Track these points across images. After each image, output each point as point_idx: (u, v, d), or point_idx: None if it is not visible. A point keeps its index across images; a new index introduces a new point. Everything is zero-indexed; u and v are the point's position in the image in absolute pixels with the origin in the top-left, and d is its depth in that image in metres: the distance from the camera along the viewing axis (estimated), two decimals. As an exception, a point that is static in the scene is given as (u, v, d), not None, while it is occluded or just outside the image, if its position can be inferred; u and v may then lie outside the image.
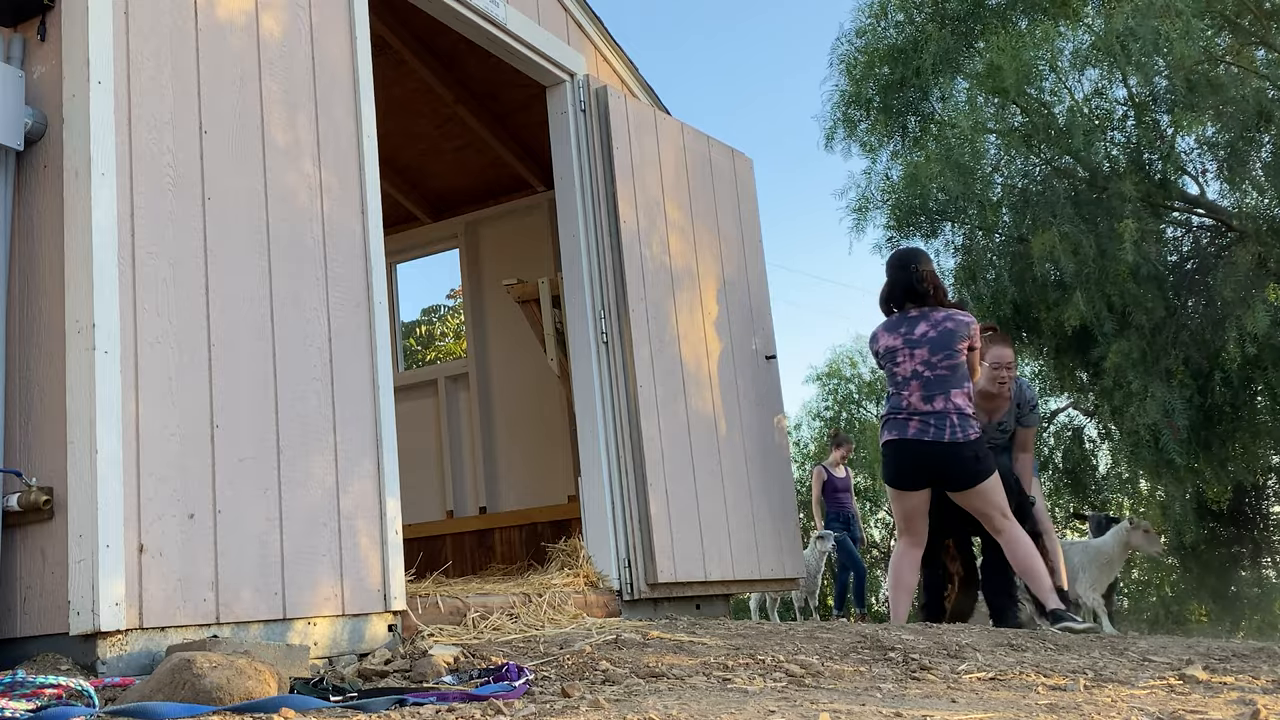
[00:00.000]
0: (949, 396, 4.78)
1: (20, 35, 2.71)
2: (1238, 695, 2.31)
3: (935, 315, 4.85)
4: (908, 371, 4.86)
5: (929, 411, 4.82)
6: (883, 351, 4.95)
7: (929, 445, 4.82)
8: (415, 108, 5.96)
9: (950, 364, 4.79)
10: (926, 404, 4.82)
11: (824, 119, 13.10)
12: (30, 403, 2.54)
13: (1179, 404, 9.99)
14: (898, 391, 4.88)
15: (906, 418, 4.86)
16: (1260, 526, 13.41)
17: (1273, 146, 10.36)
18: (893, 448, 4.89)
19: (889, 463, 4.92)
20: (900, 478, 4.91)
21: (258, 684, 1.99)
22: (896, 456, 4.88)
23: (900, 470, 4.89)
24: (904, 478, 4.90)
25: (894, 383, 4.89)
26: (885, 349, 4.94)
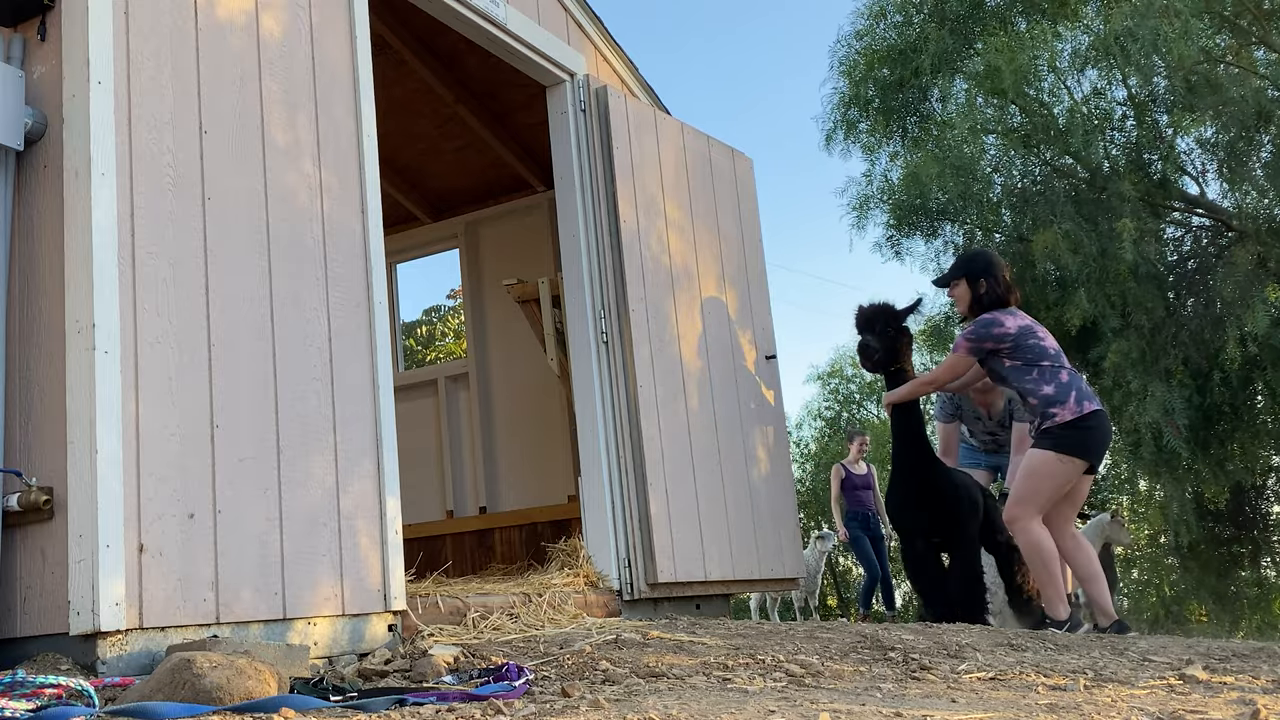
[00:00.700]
0: None
1: (20, 35, 2.71)
2: (1238, 695, 2.31)
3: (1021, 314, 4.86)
4: (1054, 346, 4.73)
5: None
6: (1017, 331, 4.70)
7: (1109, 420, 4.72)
8: (415, 108, 5.96)
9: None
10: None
11: (823, 120, 13.13)
12: (30, 403, 2.54)
13: (1178, 404, 9.99)
14: (1059, 363, 4.67)
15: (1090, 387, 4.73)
16: (1260, 526, 13.41)
17: (1272, 146, 10.36)
18: (1101, 418, 4.63)
19: (1094, 434, 4.59)
20: (1100, 449, 4.67)
21: (258, 684, 1.99)
22: (1103, 427, 4.64)
23: (1103, 443, 4.68)
24: (1101, 450, 4.69)
25: (1047, 356, 4.65)
26: (1020, 328, 4.71)
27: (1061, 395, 4.57)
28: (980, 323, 4.77)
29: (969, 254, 5.17)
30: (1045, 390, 4.59)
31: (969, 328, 4.84)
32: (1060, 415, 4.53)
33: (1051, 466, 4.57)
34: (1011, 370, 4.69)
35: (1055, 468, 4.57)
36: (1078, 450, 4.54)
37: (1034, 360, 4.63)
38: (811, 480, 24.29)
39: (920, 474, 5.01)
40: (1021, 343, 4.66)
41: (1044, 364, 4.63)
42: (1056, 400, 4.55)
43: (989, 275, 4.87)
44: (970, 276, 4.89)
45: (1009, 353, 4.66)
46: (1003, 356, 4.69)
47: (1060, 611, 4.55)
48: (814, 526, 21.17)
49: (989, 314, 4.77)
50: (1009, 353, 4.66)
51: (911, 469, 5.03)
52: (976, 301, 4.85)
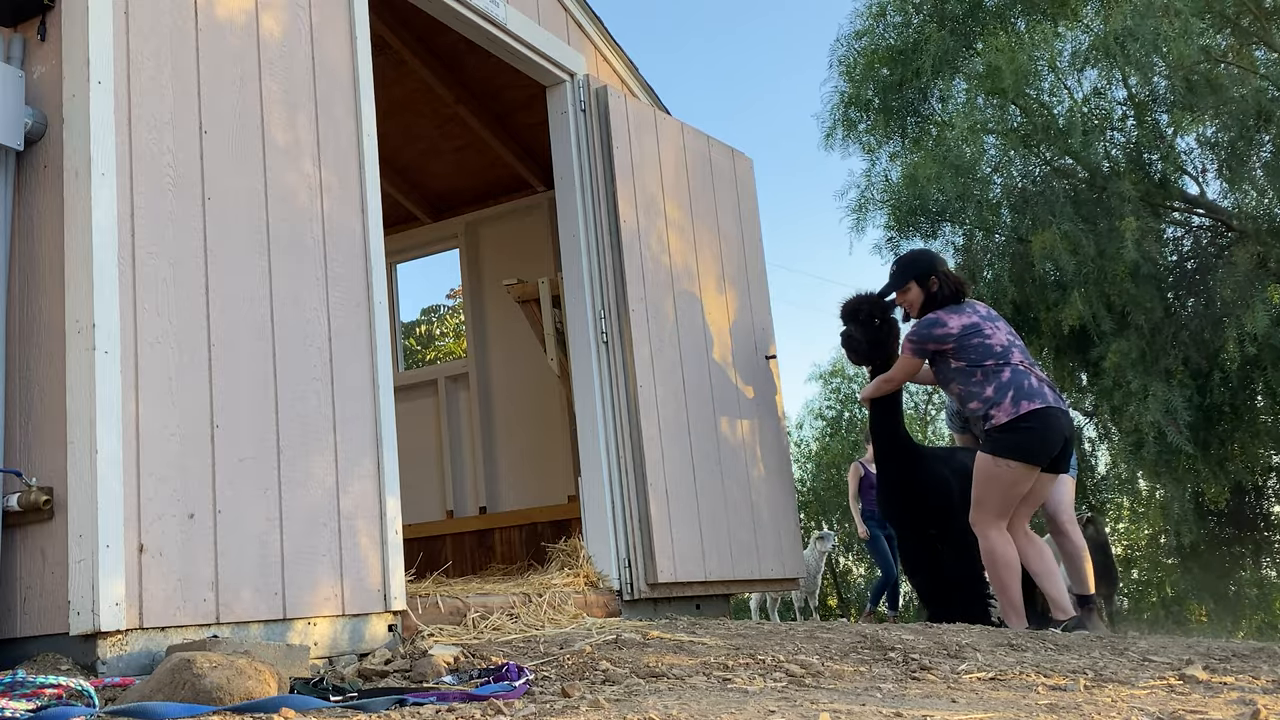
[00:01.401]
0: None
1: (20, 35, 2.71)
2: (1238, 695, 2.31)
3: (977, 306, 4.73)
4: (1004, 340, 4.55)
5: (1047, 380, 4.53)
6: (960, 330, 4.54)
7: (1067, 417, 4.49)
8: (415, 108, 5.96)
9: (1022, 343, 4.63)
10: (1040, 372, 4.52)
11: (823, 120, 13.12)
12: (30, 403, 2.54)
13: (1178, 404, 9.99)
14: (1005, 361, 4.48)
15: (1039, 383, 4.48)
16: (1260, 526, 13.40)
17: (1272, 146, 10.36)
18: (1041, 417, 4.39)
19: (1033, 435, 4.39)
20: (1044, 450, 4.42)
21: (258, 684, 1.99)
22: (1045, 425, 4.40)
23: (1047, 442, 4.41)
24: (1048, 450, 4.43)
25: (992, 355, 4.49)
26: (963, 327, 4.55)
27: (999, 396, 4.43)
28: (923, 323, 4.66)
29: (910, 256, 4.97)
30: (986, 392, 4.46)
31: (912, 328, 4.73)
32: (997, 417, 4.40)
33: (990, 470, 4.44)
34: (957, 373, 4.56)
35: (994, 471, 4.43)
36: (1015, 453, 4.38)
37: (978, 360, 4.50)
38: (812, 480, 24.27)
39: (902, 468, 4.93)
40: (965, 342, 4.52)
41: (988, 364, 4.49)
42: (994, 402, 4.43)
43: (937, 271, 4.76)
44: (919, 278, 4.77)
45: (953, 353, 4.55)
46: (948, 357, 4.57)
47: (1014, 621, 4.46)
48: (814, 526, 21.15)
49: (933, 313, 4.65)
50: (953, 353, 4.55)
51: (893, 464, 4.97)
52: (930, 300, 4.72)
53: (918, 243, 12.33)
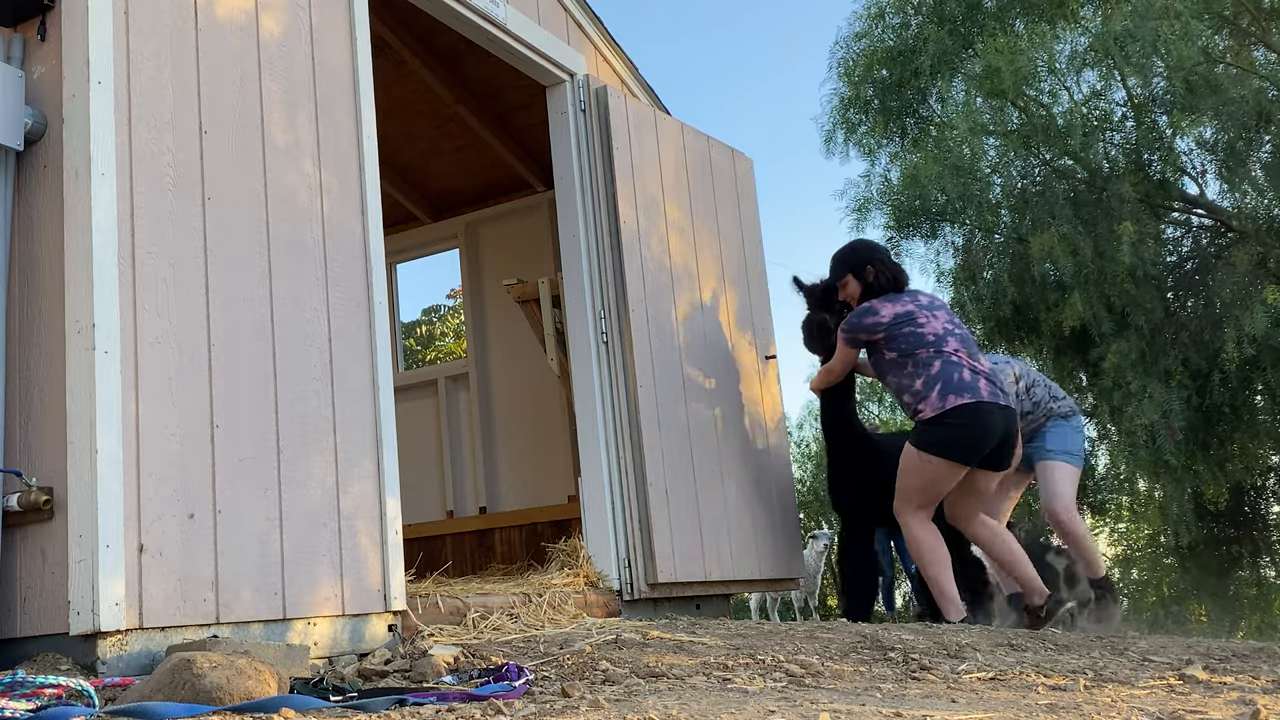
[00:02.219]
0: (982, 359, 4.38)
1: (20, 35, 2.71)
2: (1238, 695, 2.31)
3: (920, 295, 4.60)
4: (939, 329, 4.36)
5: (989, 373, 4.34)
6: (891, 319, 4.40)
7: (1006, 413, 4.30)
8: (415, 108, 5.96)
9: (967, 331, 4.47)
10: (976, 361, 4.34)
11: (823, 121, 13.12)
12: (30, 403, 2.54)
13: (1178, 404, 9.99)
14: (937, 351, 4.30)
15: (974, 376, 4.28)
16: (1259, 526, 13.40)
17: (1272, 147, 10.36)
18: (970, 413, 4.19)
19: (958, 431, 4.20)
20: (974, 448, 4.22)
21: (258, 684, 1.99)
22: (975, 422, 4.20)
23: (976, 440, 4.21)
24: (977, 448, 4.23)
25: (923, 344, 4.32)
26: (896, 315, 4.40)
27: (926, 390, 4.27)
28: (856, 312, 4.55)
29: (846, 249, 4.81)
30: (915, 385, 4.31)
31: (846, 318, 4.62)
32: (924, 411, 4.25)
33: (914, 463, 4.28)
34: (890, 365, 4.42)
35: (917, 465, 4.26)
36: (940, 449, 4.21)
37: (909, 350, 4.34)
38: (812, 480, 24.27)
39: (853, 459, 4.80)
40: (896, 332, 4.37)
41: (919, 353, 4.32)
42: (922, 396, 4.28)
43: (874, 260, 4.65)
44: (855, 269, 4.67)
45: (885, 343, 4.41)
46: (881, 348, 4.44)
47: (950, 613, 4.33)
48: (814, 526, 21.15)
49: (866, 303, 4.54)
50: (885, 343, 4.41)
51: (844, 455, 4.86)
52: (868, 290, 4.63)
53: (918, 243, 12.34)
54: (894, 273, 4.64)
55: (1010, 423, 4.37)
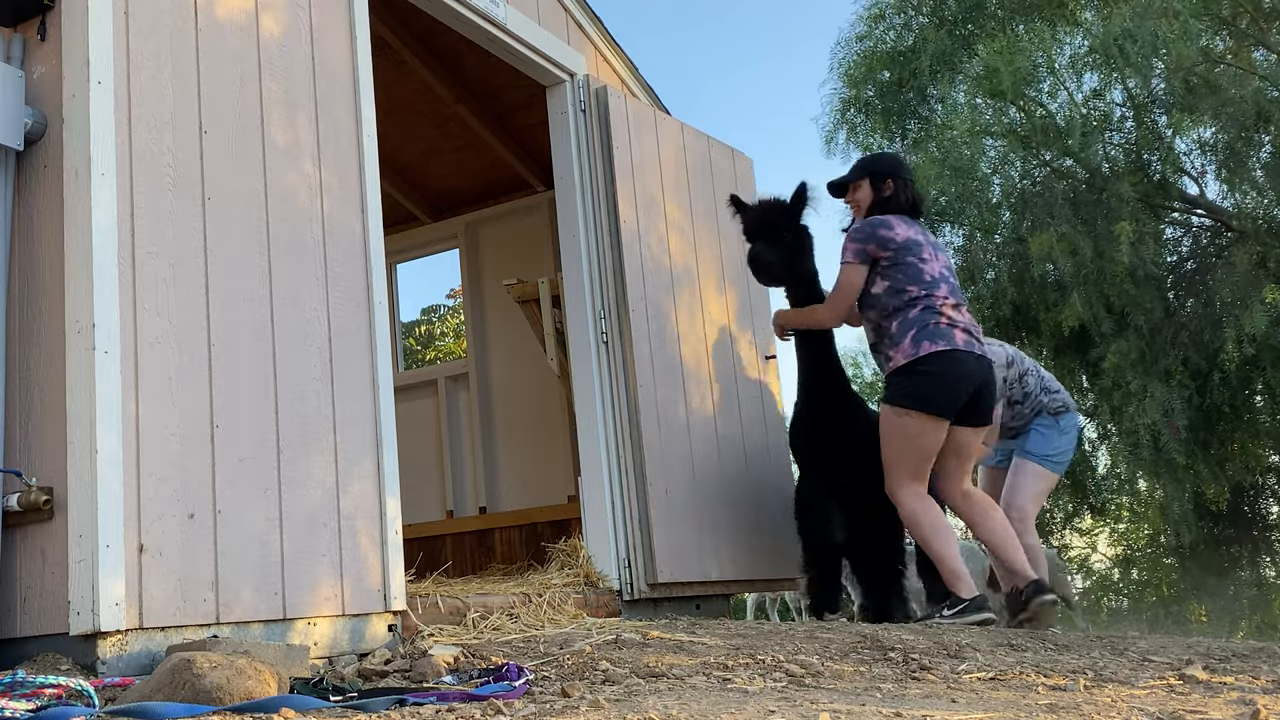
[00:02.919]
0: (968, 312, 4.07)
1: (20, 35, 2.71)
2: (1238, 695, 2.31)
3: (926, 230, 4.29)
4: (935, 272, 4.06)
5: (968, 324, 4.03)
6: (904, 242, 4.04)
7: (981, 363, 3.99)
8: (415, 108, 5.96)
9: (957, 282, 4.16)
10: (959, 314, 4.02)
11: (824, 122, 13.13)
12: (30, 403, 2.54)
13: (1178, 404, 9.99)
14: (927, 292, 3.99)
15: (950, 324, 3.97)
16: (1259, 526, 13.40)
17: (1271, 147, 10.37)
18: (943, 360, 3.90)
19: (931, 380, 3.89)
20: (950, 399, 3.90)
21: (258, 684, 1.99)
22: (947, 370, 3.89)
23: (954, 389, 3.90)
24: (953, 399, 3.91)
25: (919, 282, 4.01)
26: (908, 240, 4.05)
27: (900, 335, 3.94)
28: (868, 222, 4.13)
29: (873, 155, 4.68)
30: (891, 327, 3.98)
31: (855, 227, 4.18)
32: (895, 359, 3.94)
33: (892, 423, 3.93)
34: (875, 300, 4.04)
35: (896, 423, 3.91)
36: (915, 400, 3.87)
37: (903, 285, 3.99)
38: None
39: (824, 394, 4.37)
40: (901, 258, 4.02)
41: (909, 291, 3.99)
42: (895, 341, 3.95)
43: (898, 176, 4.26)
44: (875, 176, 4.27)
45: (885, 269, 4.03)
46: (877, 274, 4.05)
47: (961, 589, 3.94)
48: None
49: (879, 215, 4.16)
50: (885, 269, 4.03)
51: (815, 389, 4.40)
52: (878, 205, 4.24)
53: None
54: (914, 198, 4.27)
55: (987, 373, 4.07)
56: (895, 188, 4.26)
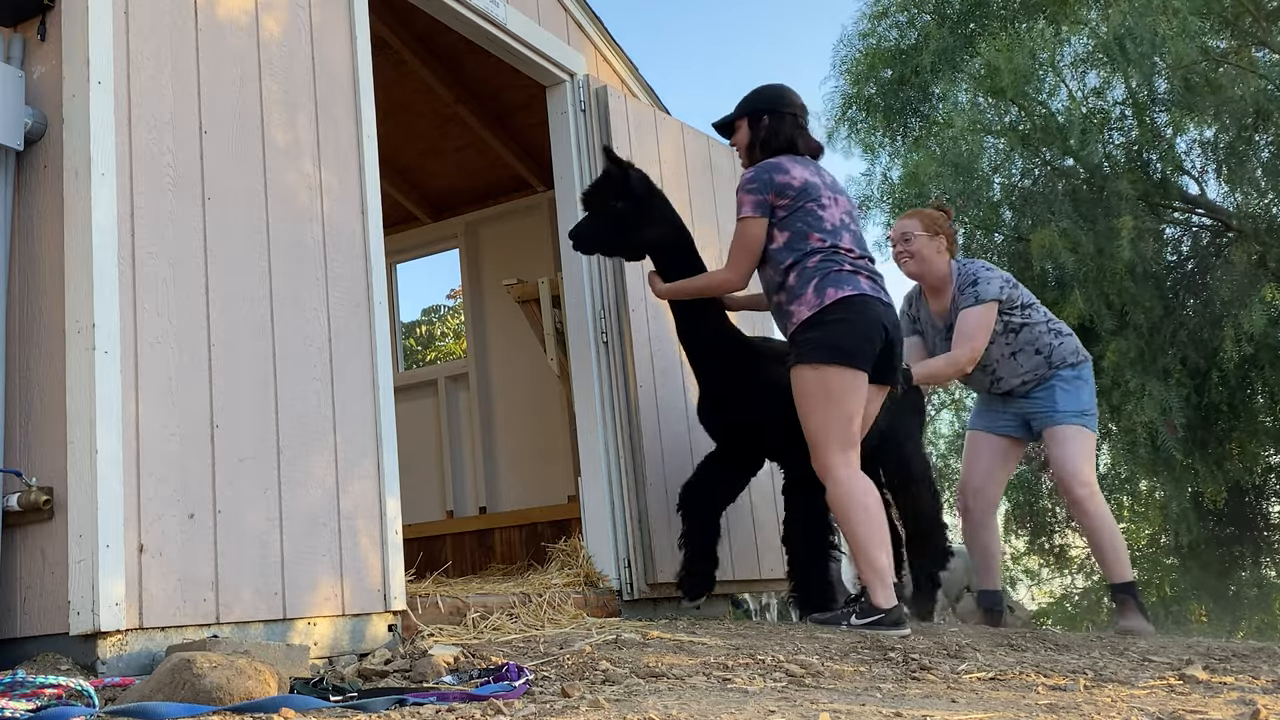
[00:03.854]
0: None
1: (20, 35, 2.71)
2: (1238, 695, 2.31)
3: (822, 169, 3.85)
4: (836, 219, 3.68)
5: (872, 270, 3.66)
6: (802, 186, 3.66)
7: (889, 311, 3.61)
8: (415, 108, 5.96)
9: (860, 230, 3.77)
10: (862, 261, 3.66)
11: (825, 119, 13.13)
12: (30, 403, 2.54)
13: (1176, 403, 9.99)
14: (831, 242, 3.60)
15: (854, 270, 3.59)
16: (1259, 526, 13.40)
17: (1272, 146, 10.37)
18: (853, 306, 3.51)
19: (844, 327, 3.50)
20: (866, 348, 3.51)
21: (258, 684, 1.99)
22: (860, 315, 3.51)
23: (868, 337, 3.51)
24: (869, 348, 3.52)
25: (820, 230, 3.62)
26: (805, 183, 3.66)
27: (800, 286, 3.56)
28: (760, 168, 3.72)
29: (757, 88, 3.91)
30: (789, 280, 3.61)
31: (745, 176, 3.75)
32: (798, 313, 3.56)
33: (809, 386, 3.50)
34: (774, 252, 3.65)
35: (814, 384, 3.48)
36: (828, 353, 3.48)
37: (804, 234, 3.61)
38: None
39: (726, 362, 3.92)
40: (801, 204, 3.63)
41: (811, 240, 3.60)
42: (796, 294, 3.58)
43: (775, 110, 3.82)
44: (752, 114, 3.86)
45: (784, 218, 3.64)
46: (775, 224, 3.66)
47: (879, 595, 3.49)
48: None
49: (773, 159, 3.75)
50: (784, 218, 3.64)
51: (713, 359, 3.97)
52: (754, 146, 3.84)
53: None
54: (791, 136, 3.81)
55: (892, 321, 3.67)
56: (770, 124, 3.82)
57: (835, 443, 3.50)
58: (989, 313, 4.41)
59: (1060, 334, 4.58)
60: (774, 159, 3.75)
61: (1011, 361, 4.57)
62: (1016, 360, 4.56)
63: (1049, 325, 4.57)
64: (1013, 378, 4.60)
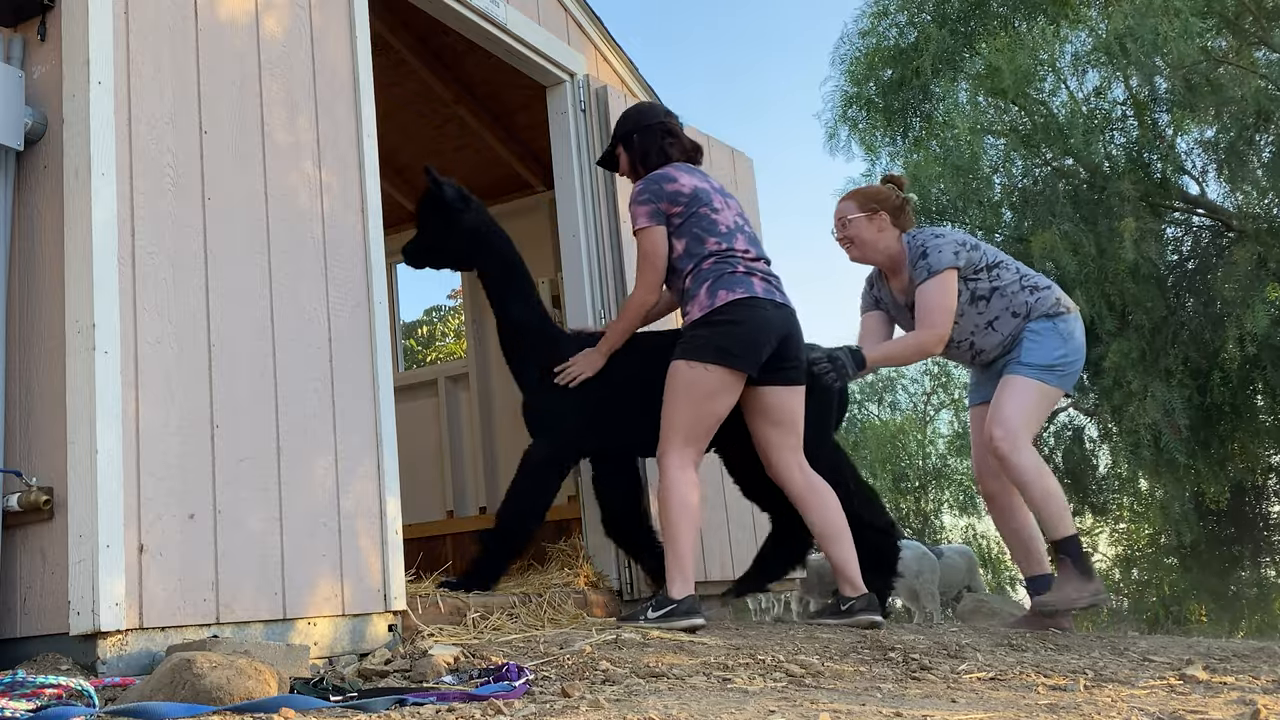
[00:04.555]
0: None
1: (20, 35, 2.71)
2: (1238, 695, 2.31)
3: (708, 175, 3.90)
4: (730, 222, 3.71)
5: (767, 272, 3.69)
6: (693, 193, 3.69)
7: (783, 311, 3.64)
8: (415, 108, 5.96)
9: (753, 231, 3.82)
10: (757, 264, 3.69)
11: (825, 120, 13.14)
12: (30, 403, 2.54)
13: (1178, 403, 10.00)
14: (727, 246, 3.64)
15: (747, 271, 3.62)
16: (1260, 526, 13.41)
17: (1273, 146, 10.38)
18: (743, 309, 3.53)
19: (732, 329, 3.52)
20: (752, 351, 3.53)
21: (258, 684, 1.99)
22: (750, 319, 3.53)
23: (755, 340, 3.53)
24: (755, 351, 3.54)
25: (715, 233, 3.66)
26: (696, 190, 3.70)
27: (694, 287, 3.62)
28: (648, 180, 3.74)
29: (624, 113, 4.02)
30: (684, 284, 3.67)
31: (635, 190, 3.78)
32: (691, 313, 3.62)
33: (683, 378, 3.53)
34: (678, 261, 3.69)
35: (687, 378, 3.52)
36: (711, 353, 3.50)
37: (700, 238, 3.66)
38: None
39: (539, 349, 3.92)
40: (695, 210, 3.68)
41: (708, 244, 3.65)
42: (690, 295, 3.63)
43: (640, 128, 3.88)
44: (624, 140, 3.93)
45: (679, 225, 3.68)
46: (672, 234, 3.70)
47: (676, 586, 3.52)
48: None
49: (659, 170, 3.79)
50: (679, 225, 3.68)
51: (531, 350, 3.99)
52: (635, 165, 3.90)
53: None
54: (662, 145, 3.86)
55: (790, 323, 3.68)
56: (640, 141, 3.88)
57: (680, 439, 3.58)
58: (946, 282, 4.02)
59: (1036, 289, 4.13)
60: (659, 170, 3.80)
61: (989, 332, 4.16)
62: (994, 329, 4.14)
63: (1022, 282, 4.14)
64: (994, 349, 4.19)
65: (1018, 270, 4.19)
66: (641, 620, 3.53)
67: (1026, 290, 4.12)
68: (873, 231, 4.21)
